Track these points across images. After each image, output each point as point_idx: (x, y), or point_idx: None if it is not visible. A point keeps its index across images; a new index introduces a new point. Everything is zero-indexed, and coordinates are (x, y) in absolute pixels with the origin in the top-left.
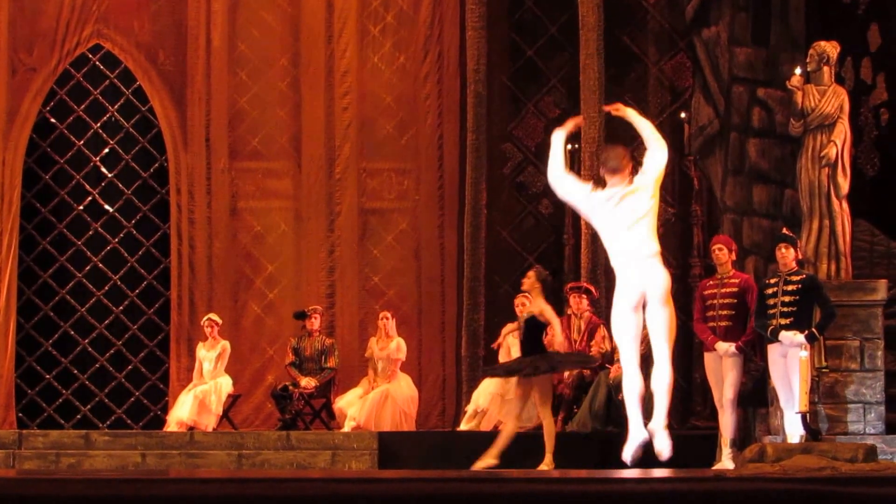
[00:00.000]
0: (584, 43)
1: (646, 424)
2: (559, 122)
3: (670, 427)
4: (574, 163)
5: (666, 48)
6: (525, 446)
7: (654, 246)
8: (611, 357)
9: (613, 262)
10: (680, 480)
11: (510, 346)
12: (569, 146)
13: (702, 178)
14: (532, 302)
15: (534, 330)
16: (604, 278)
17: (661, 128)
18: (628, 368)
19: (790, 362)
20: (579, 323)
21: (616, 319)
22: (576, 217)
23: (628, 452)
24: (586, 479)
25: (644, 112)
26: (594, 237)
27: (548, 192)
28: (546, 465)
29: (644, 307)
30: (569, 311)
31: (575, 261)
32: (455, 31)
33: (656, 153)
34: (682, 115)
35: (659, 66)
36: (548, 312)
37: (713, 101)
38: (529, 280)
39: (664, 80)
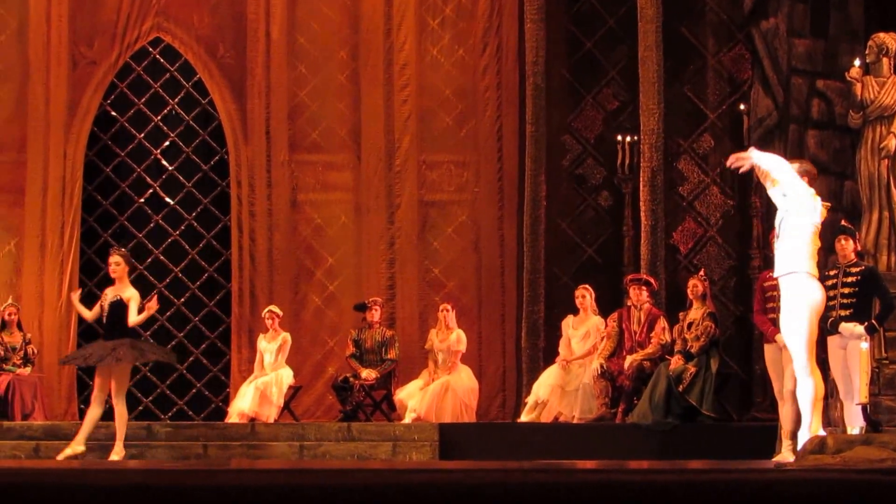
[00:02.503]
0: (642, 35)
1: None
2: (618, 114)
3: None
4: (634, 155)
5: (724, 40)
6: (572, 438)
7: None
8: (670, 348)
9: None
10: (740, 472)
11: (570, 337)
12: (627, 138)
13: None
14: (121, 284)
15: (118, 312)
16: (663, 270)
17: (719, 119)
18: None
19: (850, 354)
20: (639, 315)
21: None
22: (635, 208)
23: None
24: (647, 470)
25: (703, 104)
26: (653, 229)
27: (606, 183)
28: (116, 454)
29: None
30: (628, 303)
31: (634, 252)
32: (514, 24)
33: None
34: (741, 106)
35: (718, 58)
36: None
37: (772, 92)
38: (119, 265)
39: (723, 72)
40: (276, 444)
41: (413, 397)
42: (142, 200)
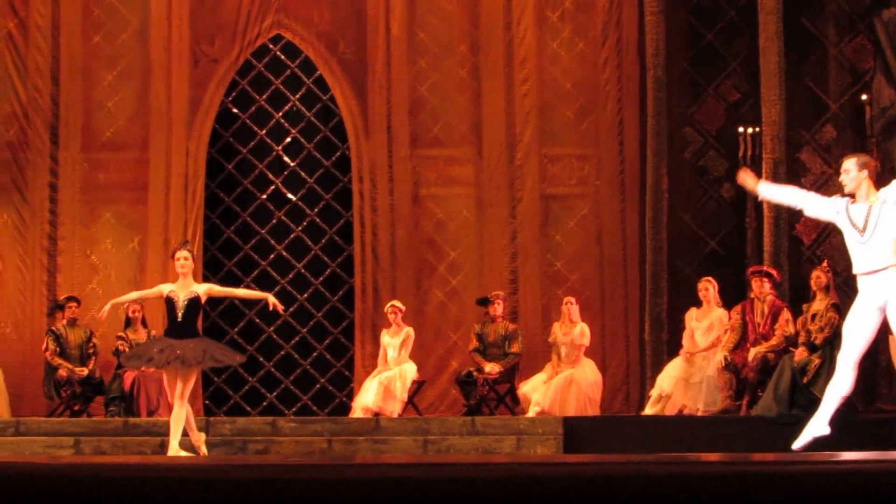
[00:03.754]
0: (763, 26)
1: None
2: (739, 105)
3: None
4: (755, 146)
5: (846, 30)
6: (696, 430)
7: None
8: (794, 340)
9: None
10: (865, 462)
11: (693, 329)
12: (749, 129)
13: (884, 160)
14: (187, 280)
15: (195, 310)
16: (786, 261)
17: (841, 110)
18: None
19: None
20: (762, 307)
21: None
22: (757, 200)
23: (800, 442)
24: (773, 461)
25: (825, 94)
26: (776, 220)
27: (729, 176)
28: (173, 451)
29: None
30: (752, 295)
31: (757, 244)
32: (634, 16)
33: None
34: (864, 97)
35: (839, 48)
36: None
37: (894, 82)
38: (187, 261)
39: (844, 63)
40: (401, 438)
41: (537, 391)
42: (264, 197)
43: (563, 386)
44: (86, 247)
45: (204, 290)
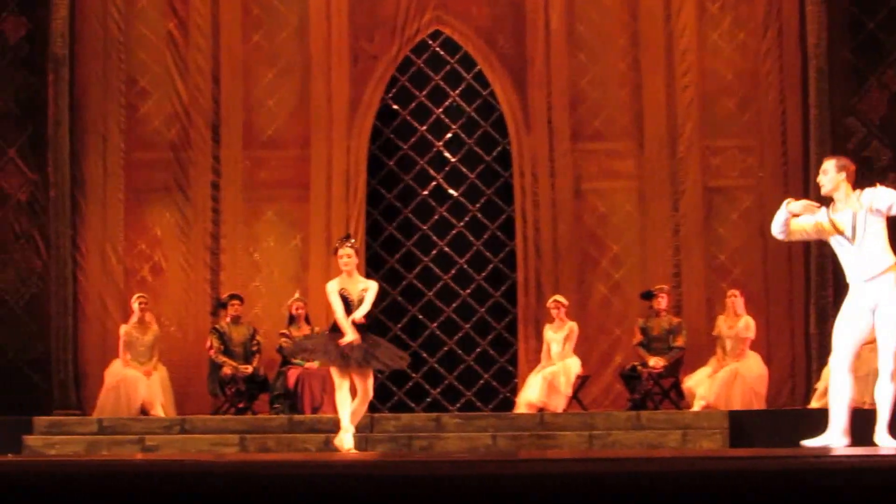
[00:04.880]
0: None
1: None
2: None
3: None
4: None
5: None
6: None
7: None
8: None
9: None
10: None
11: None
12: None
13: None
14: (353, 277)
15: None
16: None
17: None
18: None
19: None
20: None
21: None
22: None
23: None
24: None
25: None
26: None
27: (894, 165)
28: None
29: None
30: None
31: None
32: (794, 6)
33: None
34: None
35: None
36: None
37: None
38: (351, 258)
39: None
40: (565, 434)
41: (702, 385)
42: (425, 193)
43: (728, 380)
44: (248, 245)
45: (374, 288)
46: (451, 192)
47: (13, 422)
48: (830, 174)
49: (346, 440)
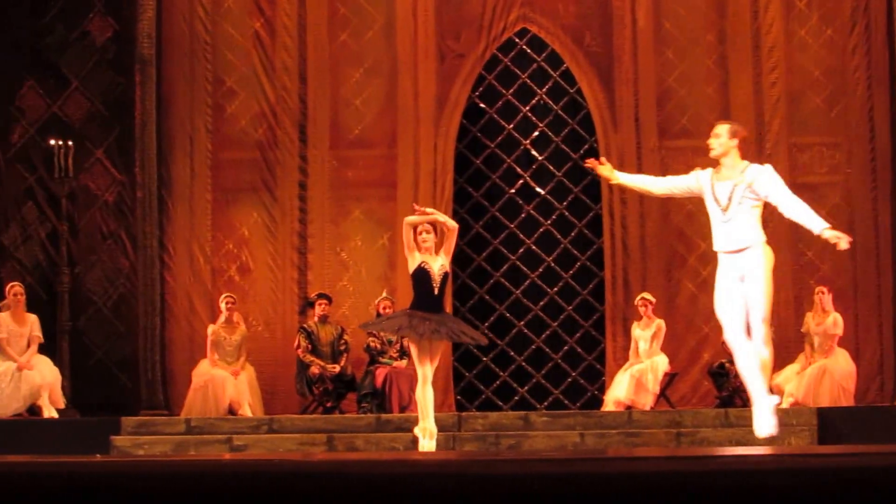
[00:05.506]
0: None
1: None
2: None
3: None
4: None
5: None
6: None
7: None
8: None
9: None
10: None
11: None
12: None
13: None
14: (435, 256)
15: (446, 285)
16: None
17: None
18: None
19: None
20: None
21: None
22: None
23: (765, 425)
24: None
25: None
26: None
27: None
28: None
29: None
30: None
31: None
32: (882, 1)
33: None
34: None
35: None
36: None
37: None
38: (430, 234)
39: None
40: (653, 431)
41: (790, 381)
42: (512, 191)
43: (816, 376)
44: (336, 244)
45: (448, 263)
46: (538, 189)
47: (101, 422)
48: (723, 138)
49: (424, 445)
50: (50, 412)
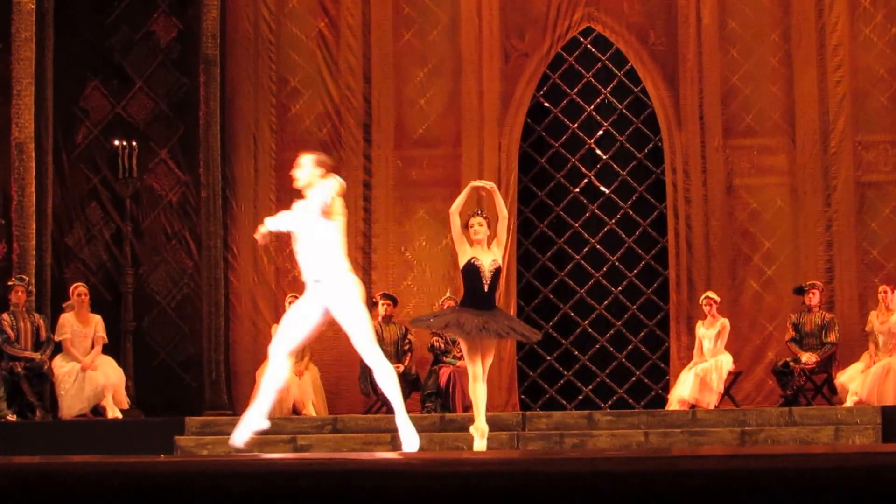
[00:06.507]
0: None
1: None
2: None
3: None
4: None
5: None
6: None
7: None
8: None
9: None
10: None
11: None
12: None
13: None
14: (486, 250)
15: (497, 280)
16: None
17: None
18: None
19: None
20: None
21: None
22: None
23: (242, 437)
24: None
25: None
26: None
27: None
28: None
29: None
30: None
31: None
32: None
33: None
34: None
35: None
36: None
37: None
38: (482, 227)
39: None
40: (717, 430)
41: (854, 380)
42: (577, 190)
43: (881, 375)
44: (400, 244)
45: (501, 257)
46: (603, 189)
47: (165, 422)
48: (307, 169)
49: (477, 444)
50: (114, 412)
